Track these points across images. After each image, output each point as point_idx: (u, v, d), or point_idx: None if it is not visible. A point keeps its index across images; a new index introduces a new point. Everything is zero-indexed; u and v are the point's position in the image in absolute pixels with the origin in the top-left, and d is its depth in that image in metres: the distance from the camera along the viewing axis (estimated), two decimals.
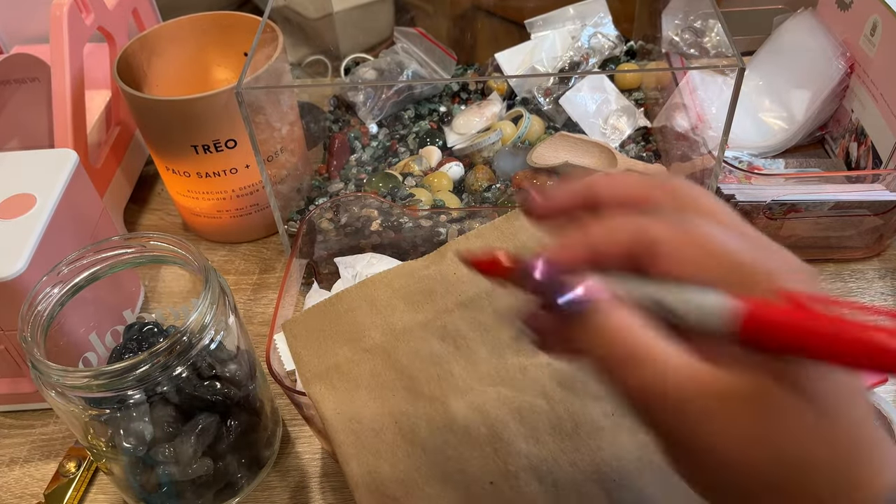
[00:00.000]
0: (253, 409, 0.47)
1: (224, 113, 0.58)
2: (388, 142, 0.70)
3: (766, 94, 0.68)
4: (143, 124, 0.62)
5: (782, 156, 0.67)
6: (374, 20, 0.81)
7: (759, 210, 0.57)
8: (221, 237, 0.68)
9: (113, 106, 0.70)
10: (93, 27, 0.62)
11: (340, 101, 0.74)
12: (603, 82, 0.68)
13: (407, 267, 0.40)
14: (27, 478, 0.51)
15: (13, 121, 0.64)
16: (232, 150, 0.60)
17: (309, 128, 0.69)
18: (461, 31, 0.81)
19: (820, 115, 0.65)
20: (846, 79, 0.63)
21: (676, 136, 0.61)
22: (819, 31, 0.65)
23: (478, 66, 0.80)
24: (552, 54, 0.72)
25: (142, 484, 0.45)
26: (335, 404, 0.38)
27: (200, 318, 0.40)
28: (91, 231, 0.55)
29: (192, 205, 0.65)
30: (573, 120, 0.67)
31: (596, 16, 0.74)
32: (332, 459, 0.51)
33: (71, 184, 0.52)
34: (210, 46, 0.68)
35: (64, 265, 0.43)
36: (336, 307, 0.40)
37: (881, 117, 0.59)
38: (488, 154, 0.65)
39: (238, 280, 0.64)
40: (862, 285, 0.60)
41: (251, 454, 0.48)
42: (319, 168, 0.68)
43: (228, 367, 0.44)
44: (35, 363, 0.39)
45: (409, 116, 0.72)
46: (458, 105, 0.72)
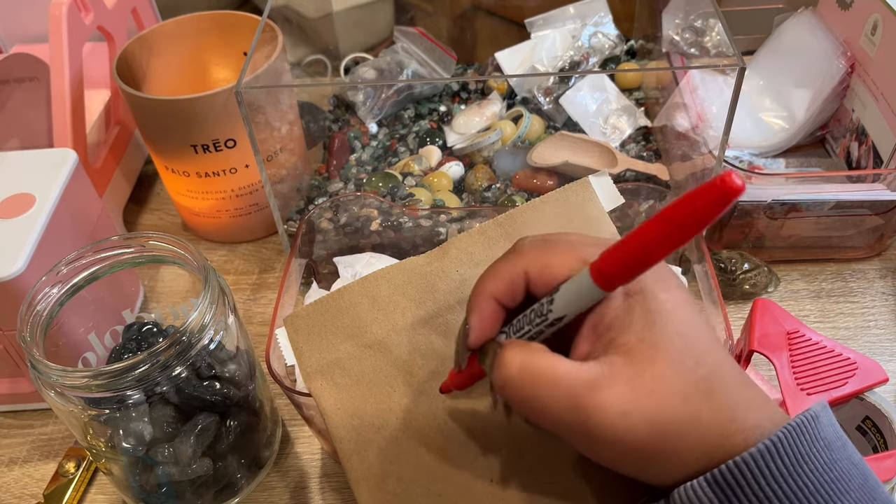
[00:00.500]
0: (252, 410, 0.47)
1: (223, 112, 0.58)
2: (387, 141, 0.70)
3: (766, 94, 0.68)
4: (142, 124, 0.62)
5: (783, 155, 0.66)
6: (374, 19, 0.81)
7: (759, 210, 0.57)
8: (221, 237, 0.68)
9: (112, 105, 0.70)
10: (92, 26, 0.62)
11: (340, 100, 0.74)
12: (603, 82, 0.68)
13: (409, 263, 0.40)
14: (26, 478, 0.51)
15: (12, 120, 0.64)
16: (231, 150, 0.60)
17: (308, 127, 0.69)
18: (461, 30, 0.81)
19: (820, 114, 0.64)
20: (847, 78, 0.63)
21: (677, 135, 0.61)
22: (819, 31, 0.65)
23: (478, 66, 0.79)
24: (552, 53, 0.72)
25: (141, 484, 0.45)
26: (336, 400, 0.37)
27: (200, 318, 0.40)
28: (90, 231, 0.55)
29: (191, 204, 0.65)
30: (573, 119, 0.67)
31: (596, 15, 0.74)
32: (331, 459, 0.51)
33: (70, 183, 0.52)
34: (209, 46, 0.68)
35: (63, 265, 0.43)
36: (338, 303, 0.39)
37: (882, 117, 0.59)
38: (488, 154, 0.65)
39: (237, 280, 0.64)
40: (863, 285, 0.60)
41: (251, 454, 0.47)
42: (319, 168, 0.68)
43: (228, 367, 0.44)
44: (34, 363, 0.39)
45: (408, 116, 0.72)
46: (458, 104, 0.72)
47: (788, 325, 0.49)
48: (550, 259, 0.31)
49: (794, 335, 0.48)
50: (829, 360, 0.47)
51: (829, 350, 0.47)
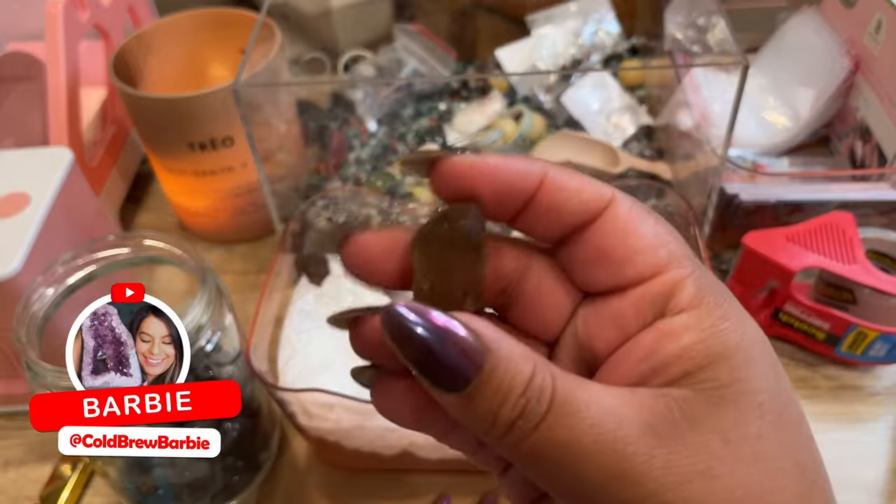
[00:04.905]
0: (250, 411, 0.46)
1: (221, 111, 0.57)
2: (387, 140, 0.69)
3: (769, 93, 0.68)
4: (139, 122, 0.61)
5: (786, 154, 0.66)
6: (373, 17, 0.80)
7: (763, 210, 0.56)
8: (219, 236, 0.68)
9: (109, 104, 0.69)
10: (88, 24, 0.62)
11: (339, 98, 0.73)
12: (605, 79, 0.68)
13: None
14: (22, 480, 0.51)
15: (8, 119, 0.64)
16: (229, 149, 0.60)
17: (307, 126, 0.68)
18: (461, 27, 0.80)
19: (824, 113, 0.64)
20: (851, 77, 0.62)
21: (680, 134, 0.61)
22: (823, 29, 0.65)
23: (478, 64, 0.79)
24: (554, 51, 0.71)
25: (137, 486, 0.44)
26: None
27: (197, 320, 0.40)
28: (86, 230, 0.54)
29: (188, 204, 0.65)
30: (575, 118, 0.66)
31: (598, 12, 0.73)
32: (321, 460, 0.50)
33: (66, 183, 0.51)
34: (207, 43, 0.67)
35: (59, 265, 0.42)
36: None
37: (886, 115, 0.58)
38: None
39: (236, 280, 0.64)
40: None
41: (248, 457, 0.47)
42: (318, 166, 0.68)
43: (226, 369, 0.44)
44: (30, 364, 0.38)
45: (408, 114, 0.71)
46: (459, 103, 0.72)
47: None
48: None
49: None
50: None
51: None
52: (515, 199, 0.21)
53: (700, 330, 0.19)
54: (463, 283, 0.21)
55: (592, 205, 0.20)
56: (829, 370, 0.53)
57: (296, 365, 0.51)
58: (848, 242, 0.49)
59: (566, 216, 0.21)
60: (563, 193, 0.20)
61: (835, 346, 0.51)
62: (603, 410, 0.18)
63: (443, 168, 0.21)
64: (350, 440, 0.45)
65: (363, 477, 0.49)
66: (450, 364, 0.18)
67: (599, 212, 0.20)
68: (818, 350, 0.52)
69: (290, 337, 0.52)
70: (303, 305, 0.54)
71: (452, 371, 0.18)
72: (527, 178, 0.20)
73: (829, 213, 0.52)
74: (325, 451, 0.49)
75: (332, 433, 0.45)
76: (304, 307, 0.54)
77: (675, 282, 0.20)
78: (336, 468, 0.50)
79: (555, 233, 0.21)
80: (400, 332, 0.18)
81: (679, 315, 0.19)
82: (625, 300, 0.20)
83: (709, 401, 0.18)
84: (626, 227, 0.20)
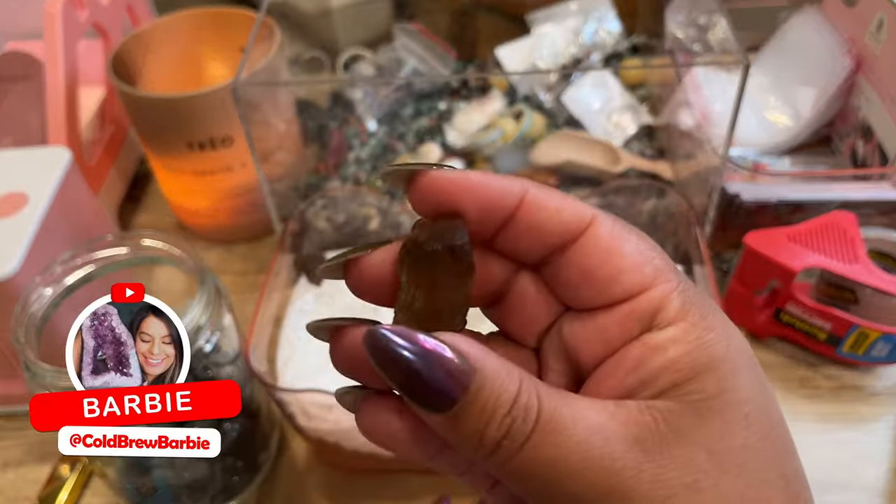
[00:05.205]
0: (250, 412, 0.46)
1: (220, 110, 0.57)
2: (386, 139, 0.69)
3: (771, 92, 0.67)
4: (137, 122, 0.61)
5: (788, 154, 0.66)
6: (373, 16, 0.80)
7: (765, 210, 0.56)
8: (217, 236, 0.67)
9: (107, 103, 0.69)
10: (87, 23, 0.62)
11: (338, 98, 0.73)
12: (606, 79, 0.67)
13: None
14: (21, 480, 0.51)
15: (6, 118, 0.64)
16: (228, 148, 0.59)
17: (306, 125, 0.68)
18: (461, 26, 0.80)
19: (826, 112, 0.64)
20: (852, 76, 0.62)
21: (681, 133, 0.61)
22: (824, 28, 0.65)
23: (478, 63, 0.79)
24: (554, 50, 0.71)
25: (136, 487, 0.44)
26: None
27: (196, 320, 0.39)
28: (85, 230, 0.54)
29: (187, 203, 0.65)
30: (576, 117, 0.66)
31: (598, 11, 0.73)
32: (321, 461, 0.50)
33: (64, 182, 0.51)
34: (206, 42, 0.67)
35: (57, 265, 0.42)
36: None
37: (888, 115, 0.58)
38: (489, 152, 0.64)
39: (235, 280, 0.64)
40: None
41: (248, 457, 0.47)
42: (317, 166, 0.68)
43: (225, 369, 0.43)
44: (28, 365, 0.38)
45: (408, 114, 0.71)
46: (459, 102, 0.71)
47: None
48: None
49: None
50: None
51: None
52: (495, 218, 0.20)
53: (686, 342, 0.19)
54: (451, 300, 0.21)
55: (573, 225, 0.20)
56: (830, 370, 0.53)
57: (295, 365, 0.50)
58: (849, 242, 0.49)
59: (546, 236, 0.20)
60: (543, 213, 0.20)
61: (836, 346, 0.51)
62: (590, 427, 0.18)
63: (423, 183, 0.20)
64: (349, 441, 0.45)
65: (362, 477, 0.49)
66: (436, 386, 0.18)
67: (580, 232, 0.20)
68: (820, 350, 0.52)
69: (289, 337, 0.52)
70: (302, 305, 0.54)
71: (439, 393, 0.18)
72: (507, 196, 0.20)
73: (831, 213, 0.52)
74: (324, 451, 0.49)
75: (332, 434, 0.45)
76: (304, 307, 0.54)
77: (662, 297, 0.20)
78: (335, 469, 0.50)
79: (536, 253, 0.21)
80: (385, 356, 0.18)
81: (666, 329, 0.20)
82: (610, 316, 0.20)
83: (695, 412, 0.19)
84: (609, 247, 0.20)
